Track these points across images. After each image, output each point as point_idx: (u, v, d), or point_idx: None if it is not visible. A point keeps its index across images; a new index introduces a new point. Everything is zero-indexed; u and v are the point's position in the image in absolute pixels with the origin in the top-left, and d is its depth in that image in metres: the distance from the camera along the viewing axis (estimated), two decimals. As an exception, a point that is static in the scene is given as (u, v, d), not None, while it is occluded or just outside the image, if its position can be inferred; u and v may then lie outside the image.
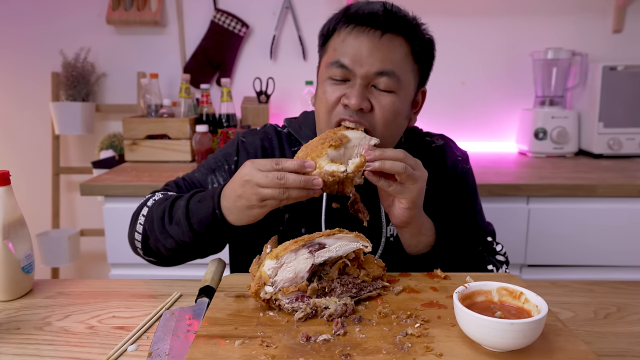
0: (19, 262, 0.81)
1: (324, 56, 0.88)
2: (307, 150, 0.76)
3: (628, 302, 0.80)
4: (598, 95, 1.88)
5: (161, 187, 0.97)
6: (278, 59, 2.14)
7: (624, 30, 2.06)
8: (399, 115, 0.85)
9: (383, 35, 0.81)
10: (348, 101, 0.81)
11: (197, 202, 0.81)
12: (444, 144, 1.01)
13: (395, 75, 0.82)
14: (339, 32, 0.84)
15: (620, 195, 1.51)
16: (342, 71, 0.82)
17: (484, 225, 1.00)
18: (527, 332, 0.56)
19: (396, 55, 0.82)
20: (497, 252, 0.95)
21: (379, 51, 0.81)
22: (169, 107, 1.94)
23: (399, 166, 0.75)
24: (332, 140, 0.75)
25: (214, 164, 0.97)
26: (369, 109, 0.82)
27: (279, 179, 0.70)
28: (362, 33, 0.81)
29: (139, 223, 0.87)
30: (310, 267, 0.69)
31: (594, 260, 1.56)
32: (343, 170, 0.73)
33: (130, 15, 2.05)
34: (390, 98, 0.83)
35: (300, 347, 0.59)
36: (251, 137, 0.98)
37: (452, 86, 2.14)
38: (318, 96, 0.88)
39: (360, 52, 0.81)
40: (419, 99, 0.93)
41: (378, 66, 0.81)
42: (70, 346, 0.67)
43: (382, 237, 0.93)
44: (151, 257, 0.90)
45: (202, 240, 0.83)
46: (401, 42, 0.83)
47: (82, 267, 2.32)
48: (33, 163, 2.23)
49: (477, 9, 2.07)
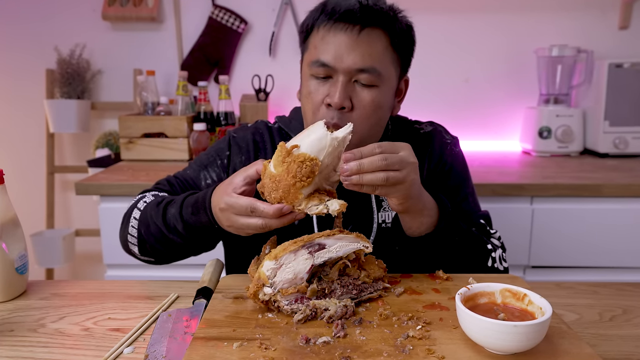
0: (13, 262, 0.80)
1: (305, 53, 0.89)
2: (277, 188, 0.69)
3: (634, 305, 0.80)
4: (604, 93, 1.87)
5: (152, 186, 0.97)
6: (277, 55, 2.12)
7: (630, 26, 2.04)
8: (380, 109, 0.86)
9: (362, 31, 0.82)
10: (331, 100, 0.82)
11: (191, 214, 0.82)
12: (432, 129, 1.01)
13: (377, 71, 0.83)
14: (317, 29, 0.85)
15: (627, 196, 1.50)
16: (324, 69, 0.83)
17: (476, 209, 0.99)
18: (531, 334, 0.55)
19: (376, 50, 0.83)
20: (491, 235, 0.94)
21: (358, 47, 0.82)
22: (166, 105, 1.92)
23: (379, 179, 0.69)
24: (301, 176, 0.67)
25: (206, 160, 0.98)
26: (350, 108, 0.83)
27: (262, 227, 0.72)
28: (340, 30, 0.82)
29: (131, 226, 0.88)
30: (309, 268, 0.68)
31: (599, 261, 1.55)
32: (325, 212, 0.69)
33: (126, 11, 2.03)
34: (372, 93, 0.84)
35: (299, 350, 0.58)
36: (242, 132, 1.00)
37: (455, 84, 2.13)
38: (303, 94, 0.90)
39: (340, 50, 0.82)
40: (402, 87, 0.94)
41: (359, 63, 0.82)
42: (65, 348, 0.66)
43: (373, 223, 0.93)
44: (149, 257, 0.91)
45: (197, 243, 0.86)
46: (380, 35, 0.83)
47: (77, 267, 2.30)
48: (27, 162, 2.21)
49: (480, 6, 2.06)
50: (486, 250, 0.89)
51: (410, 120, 1.04)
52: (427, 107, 2.08)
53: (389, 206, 0.81)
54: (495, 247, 0.91)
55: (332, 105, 0.82)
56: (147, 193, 0.93)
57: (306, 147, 0.68)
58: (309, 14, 0.88)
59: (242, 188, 0.74)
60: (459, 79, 2.12)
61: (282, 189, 0.68)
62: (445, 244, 0.83)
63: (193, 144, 1.80)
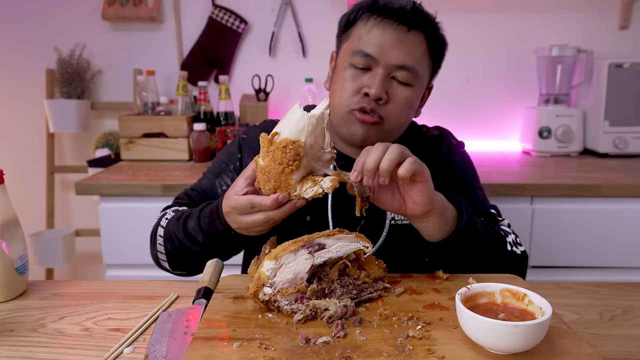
0: (13, 262, 0.80)
1: (345, 42, 0.90)
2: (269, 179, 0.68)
3: (634, 305, 0.79)
4: (604, 93, 1.87)
5: (172, 202, 0.98)
6: (277, 56, 2.12)
7: (630, 26, 2.04)
8: (411, 108, 0.89)
9: (409, 31, 0.85)
10: (369, 90, 0.85)
11: (208, 224, 0.82)
12: (439, 133, 1.04)
13: (415, 70, 0.86)
14: (365, 21, 0.87)
15: (627, 196, 1.49)
16: (366, 60, 0.85)
17: (486, 202, 0.99)
18: (531, 334, 0.55)
19: (418, 51, 0.86)
20: (500, 222, 0.95)
21: (403, 45, 0.85)
22: (165, 105, 1.92)
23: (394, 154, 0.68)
24: (287, 161, 0.66)
25: (219, 167, 0.99)
26: (385, 100, 0.86)
27: (265, 221, 0.71)
28: (389, 26, 0.85)
29: (158, 244, 0.90)
30: (309, 268, 0.68)
31: (599, 261, 1.54)
32: (321, 192, 0.68)
33: (126, 11, 2.03)
34: (406, 91, 0.87)
35: (299, 350, 0.58)
36: (252, 132, 1.00)
37: (455, 84, 2.12)
38: (336, 82, 0.90)
39: (386, 44, 0.84)
40: (426, 93, 0.97)
41: (402, 59, 0.85)
42: (65, 348, 0.66)
43: (385, 220, 0.93)
44: (181, 271, 0.93)
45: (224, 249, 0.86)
46: (422, 39, 0.87)
47: (77, 268, 2.30)
48: (27, 162, 2.21)
49: (481, 6, 2.06)
50: (501, 236, 0.88)
51: (417, 125, 1.06)
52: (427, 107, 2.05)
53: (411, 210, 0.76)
54: (507, 233, 0.91)
55: (369, 95, 0.85)
56: (168, 210, 0.94)
57: (287, 132, 0.68)
58: (355, 5, 0.90)
59: (244, 189, 0.74)
60: (459, 78, 2.12)
61: (273, 178, 0.68)
62: (472, 238, 0.81)
63: (193, 144, 1.80)
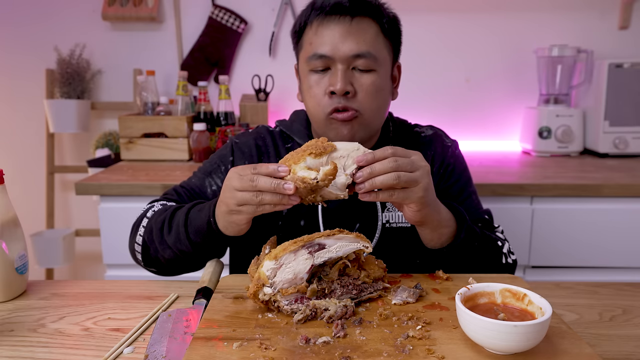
0: (13, 262, 0.80)
1: (300, 52, 0.93)
2: (288, 156, 0.72)
3: (634, 305, 0.79)
4: (604, 93, 1.87)
5: (160, 197, 0.98)
6: (277, 56, 2.12)
7: (630, 26, 2.04)
8: (382, 91, 0.90)
9: (352, 20, 0.86)
10: (333, 87, 0.85)
11: (197, 211, 0.83)
12: (433, 133, 1.03)
13: (372, 55, 0.86)
14: (310, 25, 0.89)
15: (627, 196, 1.49)
16: (322, 61, 0.87)
17: (479, 206, 1.00)
18: (531, 334, 0.55)
19: (368, 36, 0.87)
20: (495, 229, 0.96)
21: (351, 35, 0.86)
22: (165, 105, 1.92)
23: (390, 178, 0.70)
24: (314, 148, 0.70)
25: (210, 167, 1.00)
26: (353, 93, 0.86)
27: (251, 181, 0.70)
28: (332, 22, 0.86)
29: (138, 234, 0.89)
30: (309, 268, 0.68)
31: (599, 261, 1.54)
32: (314, 177, 0.68)
33: (126, 11, 2.03)
34: (371, 77, 0.87)
35: (299, 350, 0.58)
36: (244, 137, 1.01)
37: (455, 84, 2.12)
38: (304, 91, 0.92)
39: (335, 39, 0.86)
40: (396, 73, 0.97)
41: (354, 49, 0.85)
42: (65, 348, 0.66)
43: (377, 222, 0.93)
44: (152, 267, 0.91)
45: (199, 250, 0.84)
46: (370, 23, 0.88)
47: (77, 268, 2.30)
48: (27, 162, 2.21)
49: (481, 6, 2.06)
50: (499, 247, 0.90)
51: (410, 124, 1.05)
52: (427, 107, 2.08)
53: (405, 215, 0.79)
54: (503, 242, 0.92)
55: (335, 93, 0.85)
56: (155, 203, 0.94)
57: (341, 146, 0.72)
58: (298, 16, 0.93)
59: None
60: (459, 78, 2.12)
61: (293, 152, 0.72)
62: (466, 252, 0.84)
63: (193, 144, 1.80)
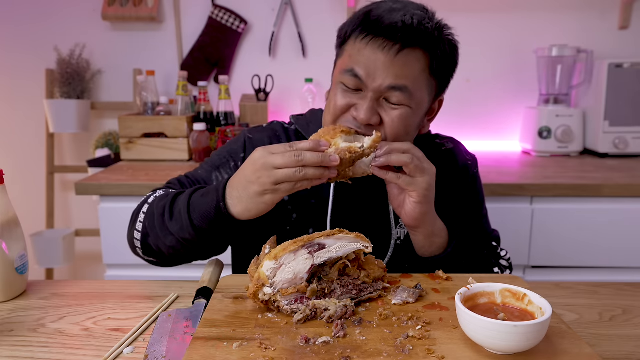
0: (13, 262, 0.80)
1: (339, 58, 0.86)
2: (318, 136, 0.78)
3: (634, 305, 0.79)
4: (604, 93, 1.87)
5: (163, 185, 0.94)
6: (277, 56, 2.12)
7: (630, 26, 2.04)
8: (409, 128, 0.84)
9: (401, 51, 0.78)
10: (357, 114, 0.81)
11: (200, 196, 0.79)
12: (453, 147, 1.02)
13: (408, 90, 0.80)
14: (355, 39, 0.81)
15: (626, 196, 1.50)
16: (355, 81, 0.81)
17: (489, 230, 1.01)
18: (531, 334, 0.55)
19: (412, 71, 0.80)
20: (501, 257, 0.96)
21: (394, 66, 0.78)
22: (165, 105, 1.92)
23: (405, 157, 0.77)
24: (342, 127, 0.79)
25: (218, 161, 0.95)
26: (377, 123, 0.81)
27: (297, 156, 0.70)
28: (378, 47, 0.78)
29: (139, 221, 0.85)
30: (309, 268, 0.68)
31: (599, 261, 1.55)
32: (360, 145, 0.75)
33: (126, 11, 2.03)
34: (401, 112, 0.81)
35: (299, 350, 0.58)
36: (259, 134, 0.97)
37: (455, 84, 2.10)
38: (330, 97, 0.87)
39: (375, 66, 0.79)
40: (435, 107, 0.92)
41: (391, 81, 0.79)
42: (65, 348, 0.66)
43: (391, 240, 0.93)
44: (151, 257, 0.87)
45: (203, 237, 0.80)
46: (419, 57, 0.80)
47: (77, 268, 2.30)
48: (27, 162, 2.21)
49: (481, 6, 2.06)
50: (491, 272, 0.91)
51: (431, 134, 1.03)
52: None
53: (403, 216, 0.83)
54: (504, 269, 0.93)
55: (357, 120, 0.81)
56: (158, 190, 0.90)
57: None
58: (350, 19, 0.84)
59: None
60: (459, 78, 2.11)
61: (321, 132, 0.78)
62: (453, 267, 0.84)
63: (193, 144, 1.80)
